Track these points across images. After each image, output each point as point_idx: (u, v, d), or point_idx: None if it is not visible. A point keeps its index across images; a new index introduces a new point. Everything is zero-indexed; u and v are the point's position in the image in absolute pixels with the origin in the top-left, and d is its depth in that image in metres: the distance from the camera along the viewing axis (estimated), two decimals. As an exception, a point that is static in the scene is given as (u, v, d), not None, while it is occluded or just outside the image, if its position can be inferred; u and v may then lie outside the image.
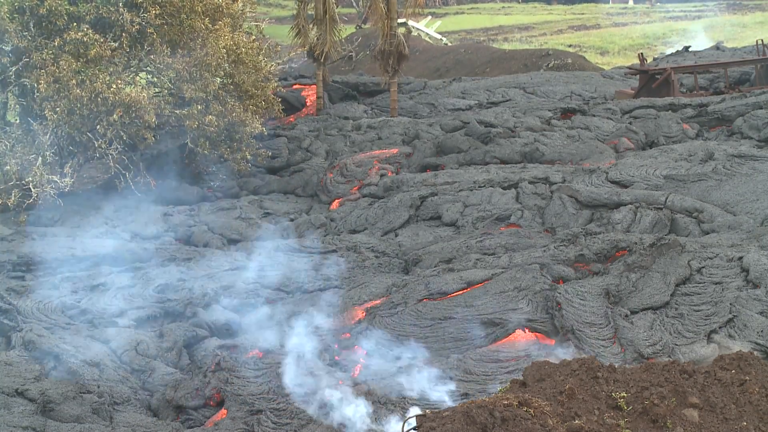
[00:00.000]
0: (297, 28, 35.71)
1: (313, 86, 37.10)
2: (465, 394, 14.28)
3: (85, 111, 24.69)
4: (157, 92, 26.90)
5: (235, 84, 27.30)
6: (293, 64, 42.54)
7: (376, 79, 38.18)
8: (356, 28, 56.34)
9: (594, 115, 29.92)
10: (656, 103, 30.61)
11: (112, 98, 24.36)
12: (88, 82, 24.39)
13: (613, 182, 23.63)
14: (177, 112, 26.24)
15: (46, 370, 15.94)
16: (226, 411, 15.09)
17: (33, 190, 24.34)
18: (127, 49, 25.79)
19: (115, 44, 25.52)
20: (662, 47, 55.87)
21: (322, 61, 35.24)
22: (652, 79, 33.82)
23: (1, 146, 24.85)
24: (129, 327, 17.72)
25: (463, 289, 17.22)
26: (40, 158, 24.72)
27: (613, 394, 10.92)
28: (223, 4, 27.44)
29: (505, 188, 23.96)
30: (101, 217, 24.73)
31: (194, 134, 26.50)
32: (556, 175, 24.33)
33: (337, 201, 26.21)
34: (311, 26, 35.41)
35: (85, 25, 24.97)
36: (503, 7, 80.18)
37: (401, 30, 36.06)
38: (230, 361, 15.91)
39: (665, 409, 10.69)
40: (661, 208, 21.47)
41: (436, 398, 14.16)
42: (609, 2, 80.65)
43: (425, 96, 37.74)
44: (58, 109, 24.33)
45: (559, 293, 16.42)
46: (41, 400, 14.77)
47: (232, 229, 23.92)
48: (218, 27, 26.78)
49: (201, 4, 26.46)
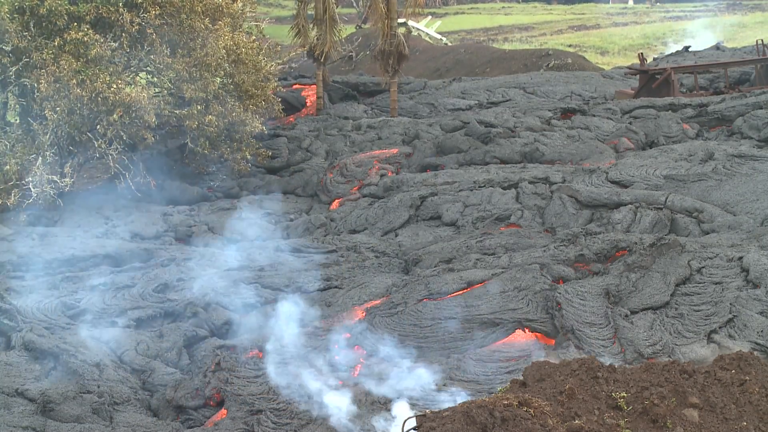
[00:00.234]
0: (297, 28, 35.71)
1: (313, 86, 37.09)
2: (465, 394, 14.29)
3: (85, 111, 24.71)
4: (157, 92, 26.90)
5: (235, 84, 27.32)
6: (293, 64, 42.52)
7: (376, 79, 38.18)
8: (356, 28, 56.34)
9: (594, 115, 29.91)
10: (656, 103, 30.60)
11: (112, 98, 24.37)
12: (88, 82, 24.40)
13: (613, 182, 23.62)
14: (177, 112, 26.25)
15: (46, 370, 15.94)
16: (226, 411, 15.09)
17: (33, 190, 24.33)
18: (127, 49, 25.80)
19: (115, 44, 25.52)
20: (662, 47, 55.85)
21: (322, 61, 35.24)
22: (652, 79, 33.80)
23: (1, 146, 24.85)
24: (129, 327, 17.72)
25: (463, 289, 17.22)
26: (40, 158, 24.72)
27: (613, 394, 10.92)
28: (223, 4, 27.43)
29: (505, 188, 23.96)
30: (101, 217, 24.73)
31: (194, 134, 26.52)
32: (556, 175, 24.33)
33: (337, 201, 26.21)
34: (311, 26, 35.41)
35: (85, 25, 24.97)
36: (503, 7, 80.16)
37: (401, 30, 36.09)
38: (230, 361, 15.91)
39: (665, 409, 10.69)
40: (661, 208, 21.47)
41: (435, 398, 14.16)
42: (609, 2, 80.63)
43: (425, 96, 37.73)
44: (58, 109, 24.33)
45: (559, 293, 16.42)
46: (41, 400, 14.78)
47: (232, 229, 23.92)
48: (218, 27, 26.79)
49: (201, 4, 26.46)
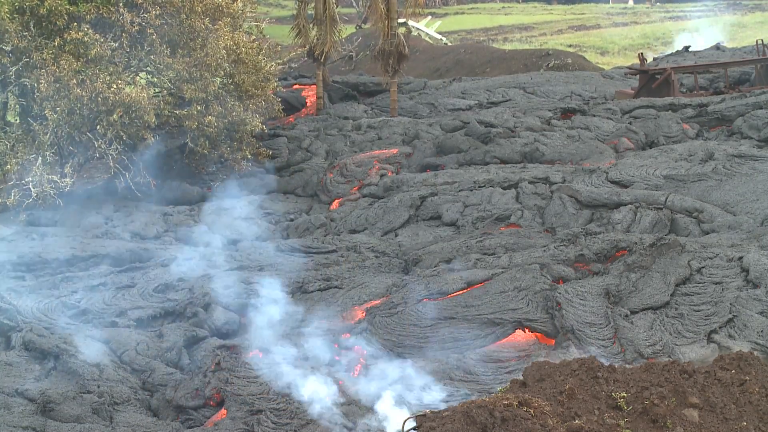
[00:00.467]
0: (297, 28, 35.71)
1: (313, 86, 37.08)
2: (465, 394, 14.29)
3: (85, 111, 24.70)
4: (157, 92, 26.90)
5: (235, 84, 27.32)
6: (293, 64, 42.51)
7: (376, 79, 38.16)
8: (356, 28, 56.31)
9: (594, 115, 29.91)
10: (656, 103, 30.59)
11: (112, 98, 24.36)
12: (88, 81, 24.40)
13: (613, 182, 23.62)
14: (177, 112, 26.24)
15: (46, 370, 15.94)
16: (226, 411, 15.08)
17: (33, 190, 24.34)
18: (127, 49, 25.81)
19: (115, 44, 25.52)
20: (662, 47, 55.84)
21: (322, 61, 35.24)
22: (652, 79, 33.79)
23: (1, 146, 24.85)
24: (129, 327, 17.71)
25: (463, 289, 17.22)
26: (40, 158, 24.72)
27: (613, 394, 10.92)
28: (223, 4, 27.43)
29: (505, 188, 23.96)
30: (101, 217, 24.73)
31: (194, 134, 26.51)
32: (556, 175, 24.33)
33: (337, 201, 26.21)
34: (311, 26, 35.40)
35: (85, 25, 24.98)
36: (503, 7, 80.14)
37: (401, 30, 36.06)
38: (230, 361, 15.91)
39: (665, 409, 10.69)
40: (661, 208, 21.47)
41: (435, 398, 14.16)
42: (609, 2, 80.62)
43: (425, 96, 37.71)
44: (58, 109, 24.33)
45: (559, 293, 16.42)
46: (41, 400, 14.78)
47: (232, 229, 23.91)
48: (218, 27, 26.79)
49: (201, 4, 26.46)
